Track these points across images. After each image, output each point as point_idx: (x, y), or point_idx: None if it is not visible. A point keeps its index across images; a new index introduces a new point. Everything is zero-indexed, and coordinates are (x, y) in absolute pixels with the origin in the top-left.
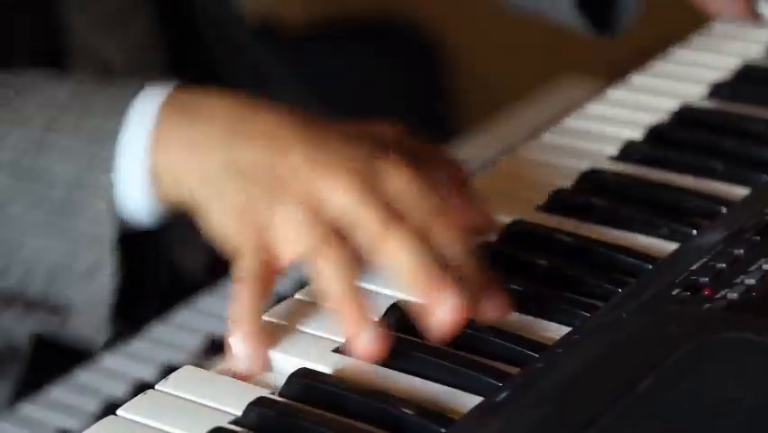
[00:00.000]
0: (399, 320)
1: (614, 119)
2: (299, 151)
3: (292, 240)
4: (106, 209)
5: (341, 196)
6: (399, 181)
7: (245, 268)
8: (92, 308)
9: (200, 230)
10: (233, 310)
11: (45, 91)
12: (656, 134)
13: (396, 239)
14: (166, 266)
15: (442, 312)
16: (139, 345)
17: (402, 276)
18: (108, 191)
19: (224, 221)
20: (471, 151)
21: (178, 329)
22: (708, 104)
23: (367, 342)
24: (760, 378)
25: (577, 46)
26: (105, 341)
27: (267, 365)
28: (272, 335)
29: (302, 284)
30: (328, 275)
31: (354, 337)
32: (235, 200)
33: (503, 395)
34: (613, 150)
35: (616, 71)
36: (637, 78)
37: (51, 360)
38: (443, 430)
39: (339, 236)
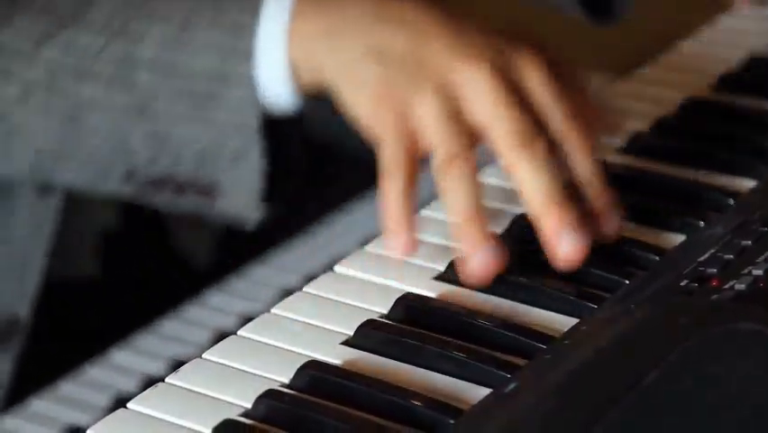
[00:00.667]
0: (409, 311)
1: (622, 111)
2: (441, 38)
3: (432, 134)
4: (248, 98)
5: (481, 95)
6: (537, 79)
7: (389, 155)
8: (241, 189)
9: (209, 222)
10: (384, 200)
11: None
12: (663, 126)
13: (531, 159)
14: (167, 254)
15: (564, 248)
16: (148, 340)
17: (532, 200)
18: (249, 81)
19: (363, 106)
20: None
21: (187, 324)
22: (715, 96)
23: (484, 261)
24: (766, 369)
25: (587, 39)
26: (258, 219)
27: (416, 248)
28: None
29: (309, 278)
30: (457, 188)
31: (472, 256)
32: (375, 84)
33: (511, 387)
34: (621, 142)
35: (626, 65)
36: (645, 71)
37: (52, 339)
38: (451, 421)
39: (473, 143)
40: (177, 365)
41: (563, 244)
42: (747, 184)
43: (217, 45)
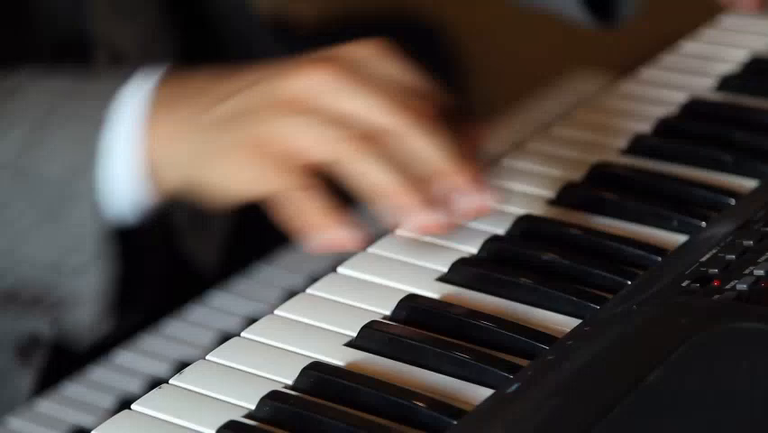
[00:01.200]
0: (411, 313)
1: (623, 112)
2: (277, 75)
3: (314, 145)
4: (92, 209)
5: (325, 82)
6: (378, 63)
7: (290, 192)
8: (87, 302)
9: (213, 219)
10: (304, 224)
11: (31, 93)
12: (665, 127)
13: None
14: (172, 254)
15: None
16: (152, 341)
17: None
18: (93, 191)
19: (240, 176)
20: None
21: (191, 325)
22: (717, 96)
23: (430, 219)
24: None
25: (589, 40)
26: (105, 332)
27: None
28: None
29: (314, 279)
30: (367, 168)
31: (416, 217)
32: (235, 145)
33: (514, 387)
34: (623, 143)
35: (627, 65)
36: (647, 72)
37: (72, 351)
38: (454, 422)
39: (357, 129)
40: (181, 367)
41: (470, 199)
42: (749, 184)
43: (65, 153)
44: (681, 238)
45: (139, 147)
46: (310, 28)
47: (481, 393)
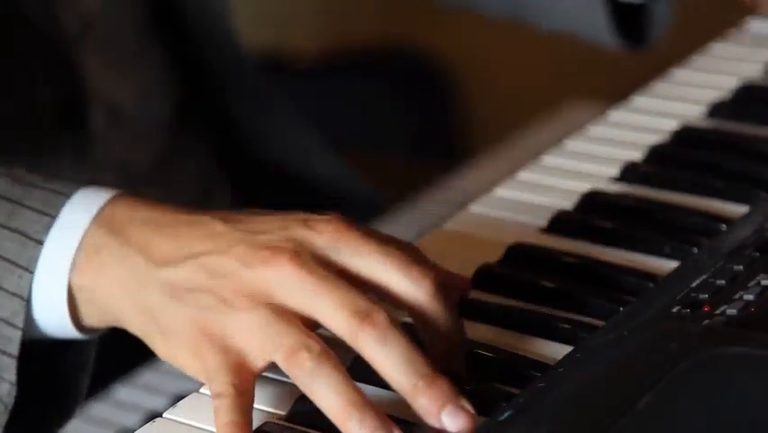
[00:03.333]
0: None
1: (615, 140)
2: (231, 251)
3: (260, 348)
4: (16, 318)
5: (292, 291)
6: (347, 245)
7: (215, 392)
8: None
9: None
10: (217, 425)
11: None
12: (657, 154)
13: (376, 337)
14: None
15: (450, 427)
16: (151, 376)
17: (396, 383)
18: (22, 299)
19: (175, 349)
20: (476, 177)
21: None
22: (708, 123)
23: None
24: (760, 392)
25: (583, 71)
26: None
27: None
28: None
29: None
30: (319, 383)
31: None
32: (182, 325)
33: (506, 415)
34: (614, 171)
35: (622, 95)
36: (637, 100)
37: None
38: None
39: (309, 332)
40: (179, 400)
41: (447, 423)
42: (741, 210)
43: None
44: (672, 264)
45: (67, 275)
46: (309, 63)
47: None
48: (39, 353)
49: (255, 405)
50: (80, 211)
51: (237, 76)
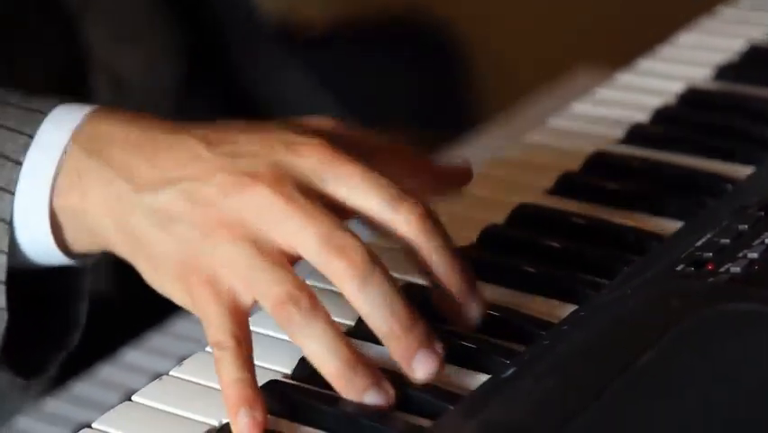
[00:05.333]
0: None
1: (621, 103)
2: (212, 178)
3: (246, 286)
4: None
5: (273, 221)
6: (335, 173)
7: (214, 339)
8: None
9: None
10: (224, 389)
11: None
12: (662, 117)
13: (340, 271)
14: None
15: (418, 373)
16: (159, 339)
17: (377, 329)
18: (4, 222)
19: (163, 279)
20: (486, 142)
21: (198, 324)
22: (714, 85)
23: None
24: (762, 348)
25: (592, 37)
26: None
27: (262, 427)
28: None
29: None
30: (306, 335)
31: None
32: (168, 254)
33: (509, 372)
34: (620, 133)
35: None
36: (644, 63)
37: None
38: (450, 406)
39: (297, 279)
40: None
41: (417, 369)
42: (746, 171)
43: None
44: (678, 225)
45: (48, 196)
46: (317, 33)
47: (479, 379)
48: (31, 284)
49: (258, 363)
50: (58, 130)
51: (249, 40)
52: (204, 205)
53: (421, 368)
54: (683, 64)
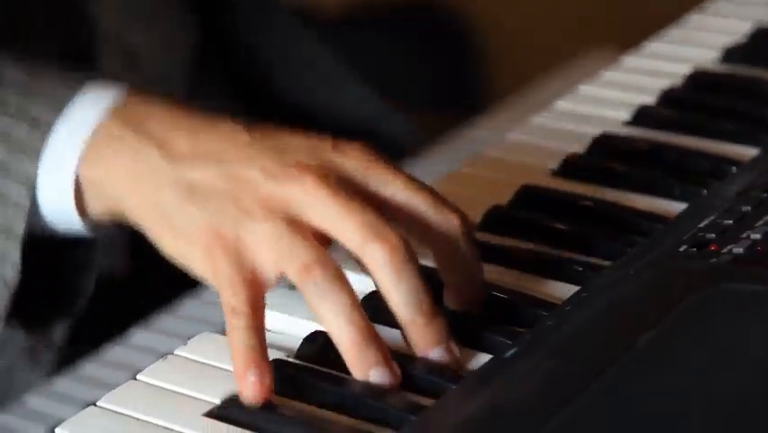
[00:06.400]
0: None
1: (628, 85)
2: (256, 162)
3: (274, 260)
4: (22, 200)
5: (313, 204)
6: (375, 171)
7: (230, 305)
8: None
9: None
10: (234, 353)
11: None
12: (669, 99)
13: (386, 256)
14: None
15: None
16: (168, 320)
17: (398, 310)
18: (28, 182)
19: (190, 256)
20: (496, 125)
21: (207, 305)
22: (721, 68)
23: (379, 377)
24: (763, 328)
25: (608, 19)
26: None
27: (268, 392)
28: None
29: None
30: (325, 298)
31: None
32: (196, 226)
33: (512, 352)
34: (626, 115)
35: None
36: (652, 45)
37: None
38: (452, 386)
39: (326, 251)
40: None
41: (435, 356)
42: (752, 153)
43: (8, 137)
44: (682, 207)
45: (75, 167)
46: (329, 16)
47: (482, 359)
48: (44, 252)
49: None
50: (94, 101)
51: (261, 11)
52: (244, 184)
53: (437, 356)
54: (691, 46)
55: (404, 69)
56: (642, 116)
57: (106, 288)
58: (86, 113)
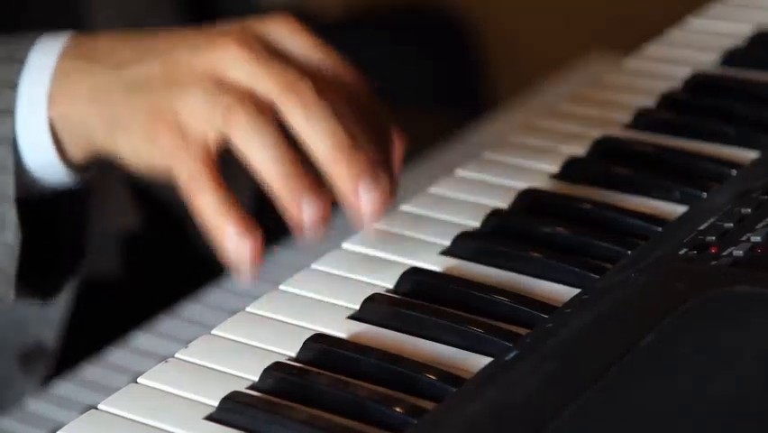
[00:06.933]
0: (414, 285)
1: (629, 88)
2: (185, 43)
3: (204, 116)
4: (5, 161)
5: (234, 64)
6: (294, 38)
7: (184, 174)
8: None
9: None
10: (204, 219)
11: None
12: (669, 101)
13: (303, 102)
14: (187, 241)
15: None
16: (169, 323)
17: (318, 151)
18: (8, 141)
19: (141, 146)
20: (497, 128)
21: (207, 308)
22: (721, 71)
23: (312, 215)
24: (763, 331)
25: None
26: (10, 303)
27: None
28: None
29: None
30: (253, 146)
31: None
32: (141, 114)
33: (512, 354)
34: (627, 118)
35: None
36: (652, 48)
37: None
38: (453, 389)
39: (252, 99)
40: None
41: (363, 198)
42: (752, 156)
43: None
44: (683, 209)
45: (46, 111)
46: (332, 18)
47: (483, 362)
48: (40, 214)
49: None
50: (48, 51)
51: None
52: (176, 64)
53: (366, 197)
54: (691, 49)
55: (405, 70)
56: (642, 119)
57: (103, 290)
58: (43, 61)
